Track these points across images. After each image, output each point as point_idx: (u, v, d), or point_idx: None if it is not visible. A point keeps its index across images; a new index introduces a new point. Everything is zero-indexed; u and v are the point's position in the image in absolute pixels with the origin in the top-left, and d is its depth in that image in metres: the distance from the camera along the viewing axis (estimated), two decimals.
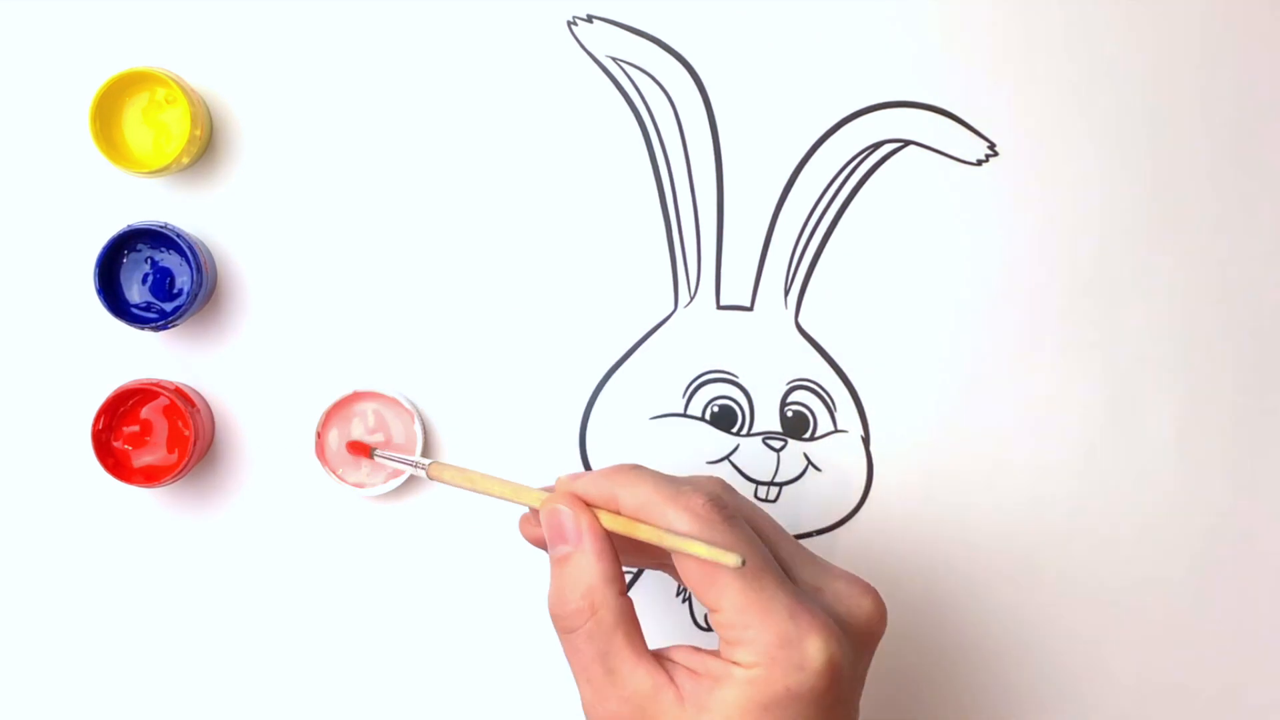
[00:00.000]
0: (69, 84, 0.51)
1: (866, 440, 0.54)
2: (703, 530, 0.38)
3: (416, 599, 0.52)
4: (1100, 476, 0.54)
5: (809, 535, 0.54)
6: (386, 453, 0.49)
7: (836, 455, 0.53)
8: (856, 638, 0.39)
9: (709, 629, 0.53)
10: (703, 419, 0.53)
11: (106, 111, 0.49)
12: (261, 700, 0.52)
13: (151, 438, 0.50)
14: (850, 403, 0.53)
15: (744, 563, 0.36)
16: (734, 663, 0.37)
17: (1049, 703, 0.54)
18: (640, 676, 0.38)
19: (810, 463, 0.53)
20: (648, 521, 0.39)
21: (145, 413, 0.50)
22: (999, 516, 0.54)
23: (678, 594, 0.53)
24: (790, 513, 0.53)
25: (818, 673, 0.37)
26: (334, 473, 0.51)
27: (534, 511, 0.42)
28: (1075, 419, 0.54)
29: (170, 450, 0.50)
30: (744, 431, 0.53)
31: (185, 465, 0.49)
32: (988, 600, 0.54)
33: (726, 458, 0.53)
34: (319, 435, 0.51)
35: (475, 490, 0.44)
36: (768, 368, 0.53)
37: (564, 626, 0.39)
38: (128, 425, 0.50)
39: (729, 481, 0.51)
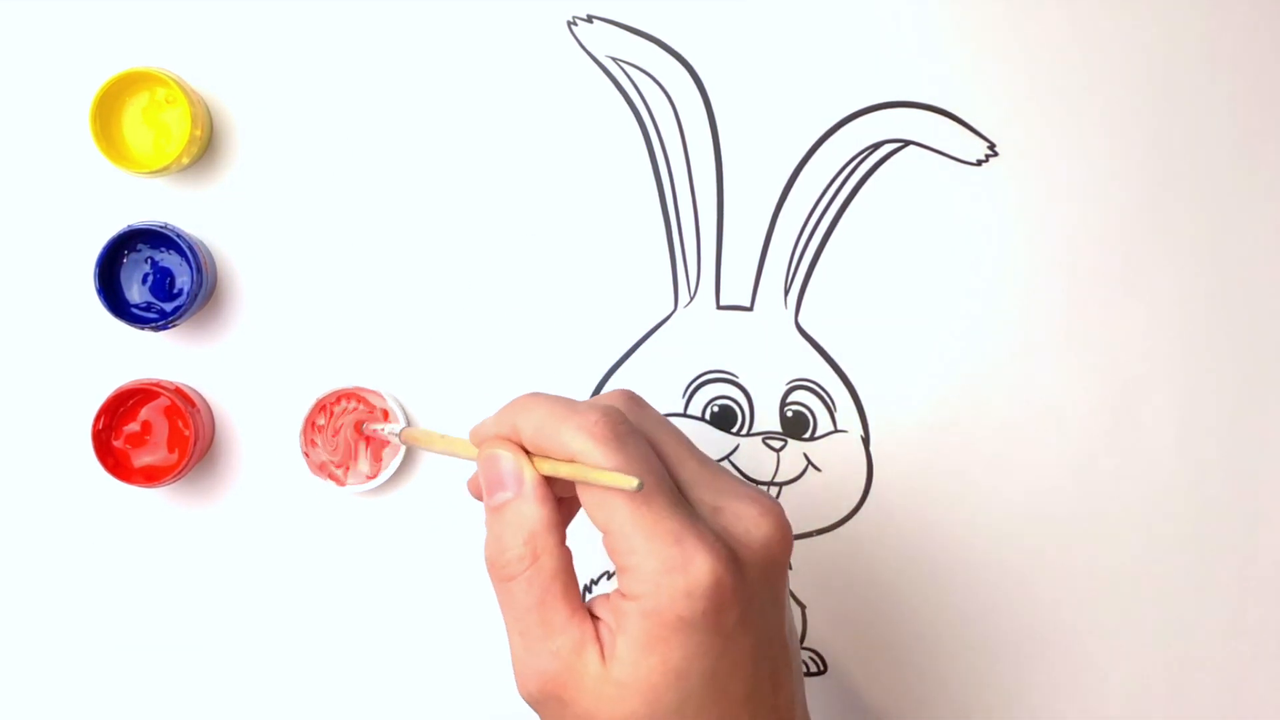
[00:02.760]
0: (69, 84, 0.51)
1: (866, 440, 0.54)
2: (595, 448, 0.37)
3: (416, 594, 0.52)
4: (1100, 476, 0.54)
5: (809, 535, 0.54)
6: (372, 426, 0.50)
7: (836, 455, 0.53)
8: (755, 559, 0.37)
9: None
10: (703, 419, 0.53)
11: (106, 111, 0.49)
12: (261, 700, 0.52)
13: (151, 438, 0.50)
14: (850, 403, 0.53)
15: (640, 486, 0.35)
16: (627, 596, 0.36)
17: (1048, 701, 0.54)
18: (572, 631, 0.37)
19: (810, 463, 0.53)
20: (545, 445, 0.38)
21: (145, 413, 0.50)
22: (999, 516, 0.54)
23: None
24: (790, 513, 0.53)
25: (705, 595, 0.35)
26: (318, 468, 0.51)
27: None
28: (1075, 419, 0.54)
29: (170, 450, 0.50)
30: (744, 431, 0.53)
31: (185, 465, 0.49)
32: (987, 600, 0.54)
33: (726, 458, 0.53)
34: (304, 435, 0.51)
35: (431, 449, 0.44)
36: (768, 368, 0.53)
37: (503, 575, 0.38)
38: (128, 425, 0.50)
39: None
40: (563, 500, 0.40)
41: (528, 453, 0.39)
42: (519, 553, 0.38)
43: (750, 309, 0.53)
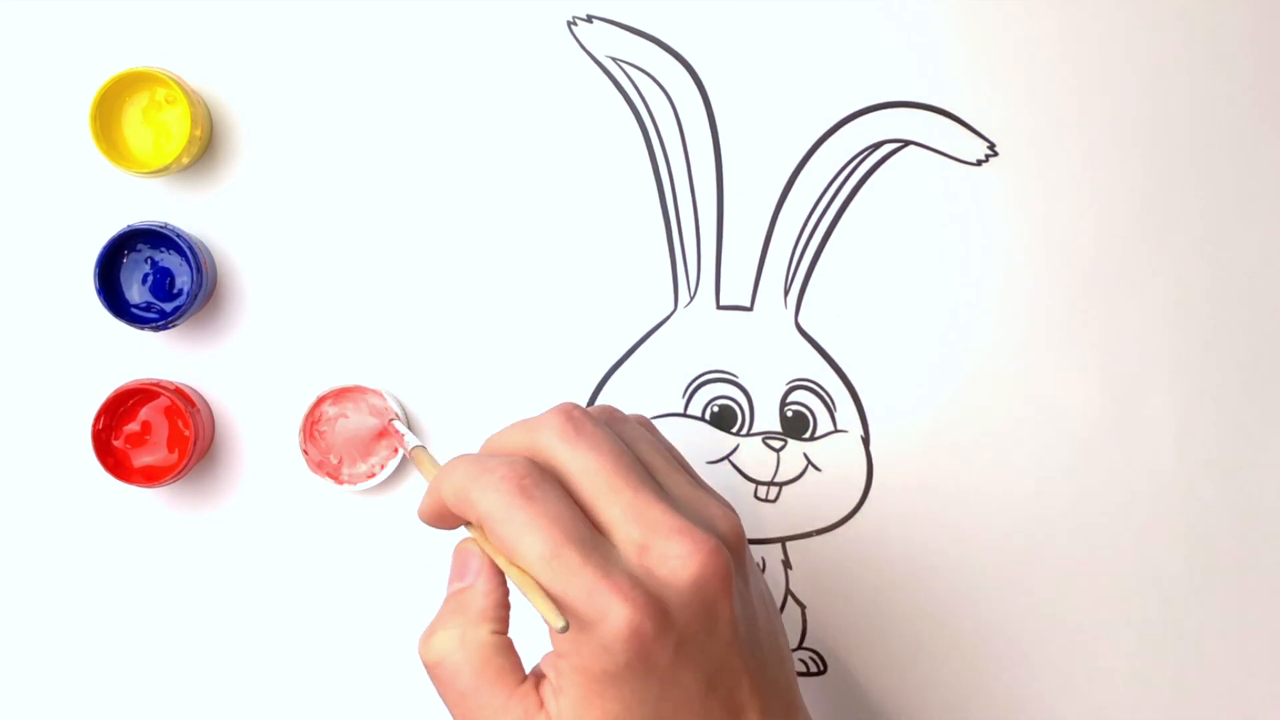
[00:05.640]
0: (69, 84, 0.51)
1: (866, 440, 0.54)
2: (501, 504, 0.36)
3: (418, 593, 0.52)
4: (1100, 476, 0.54)
5: (809, 535, 0.54)
6: (399, 424, 0.50)
7: (836, 455, 0.53)
8: (682, 600, 0.36)
9: None
10: (702, 419, 0.53)
11: (106, 111, 0.49)
12: (262, 700, 0.52)
13: (151, 438, 0.50)
14: (850, 403, 0.53)
15: (565, 628, 0.35)
16: (558, 654, 0.37)
17: (1047, 702, 0.54)
18: (513, 709, 0.37)
19: (810, 463, 0.53)
20: (462, 507, 0.38)
21: (145, 413, 0.50)
22: (999, 516, 0.54)
23: None
24: (790, 513, 0.53)
25: (625, 648, 0.35)
26: (317, 466, 0.51)
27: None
28: (1075, 419, 0.54)
29: (170, 450, 0.50)
30: (744, 431, 0.53)
31: (185, 465, 0.49)
32: (987, 600, 0.54)
33: (726, 458, 0.53)
34: (304, 433, 0.51)
35: (411, 460, 0.45)
36: (768, 368, 0.53)
37: (431, 659, 0.38)
38: (128, 425, 0.50)
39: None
40: None
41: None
42: (446, 634, 0.38)
43: (750, 309, 0.53)
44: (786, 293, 0.53)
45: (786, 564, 0.54)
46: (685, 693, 0.37)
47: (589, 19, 0.53)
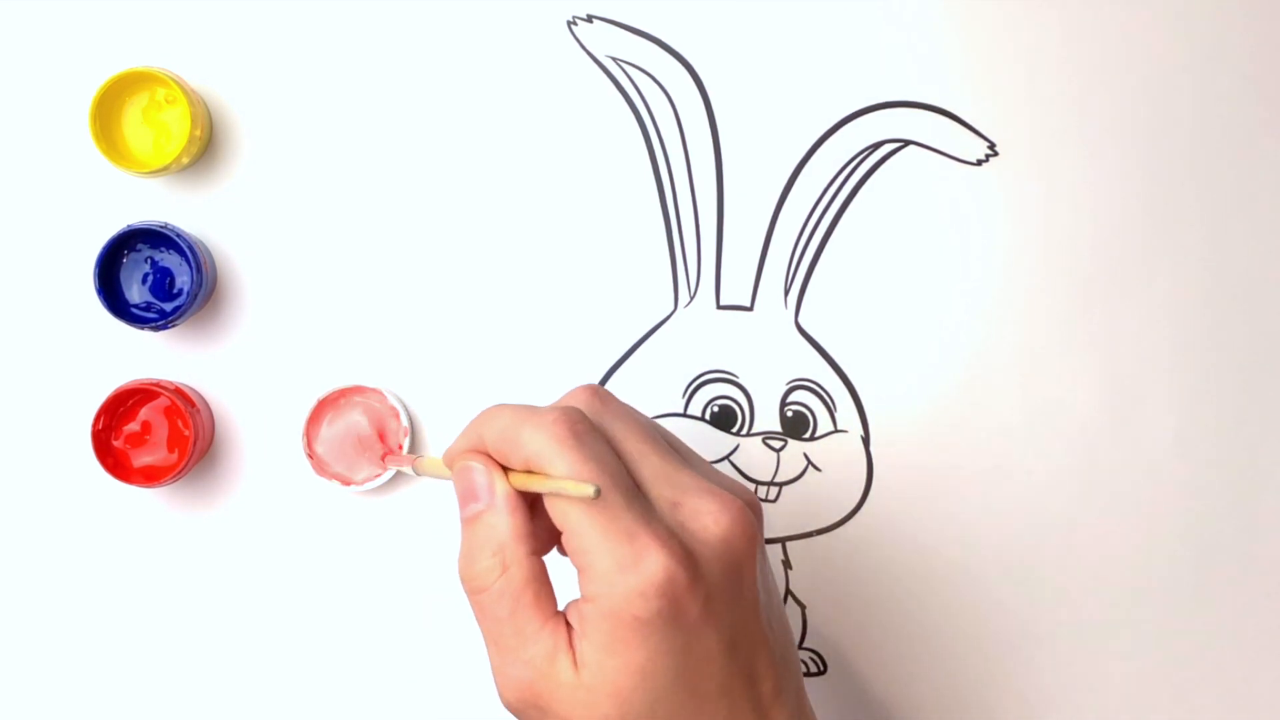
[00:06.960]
0: (69, 84, 0.51)
1: (866, 440, 0.54)
2: (552, 447, 0.37)
3: (418, 593, 0.52)
4: (1100, 476, 0.54)
5: (809, 535, 0.54)
6: (395, 458, 0.50)
7: (836, 455, 0.54)
8: (713, 555, 0.37)
9: None
10: (703, 419, 0.53)
11: (106, 111, 0.49)
12: (262, 701, 0.52)
13: (151, 438, 0.50)
14: (850, 403, 0.53)
15: (597, 492, 0.35)
16: (585, 598, 0.37)
17: (1048, 701, 0.54)
18: (544, 639, 0.37)
19: (810, 463, 0.53)
20: (506, 449, 0.38)
21: (145, 413, 0.50)
22: (999, 517, 0.54)
23: None
24: (790, 513, 0.53)
25: (659, 594, 0.35)
26: (322, 469, 0.51)
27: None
28: (1075, 419, 0.54)
29: (170, 450, 0.50)
30: (744, 431, 0.53)
31: (185, 465, 0.50)
32: (987, 600, 0.54)
33: (726, 458, 0.53)
34: (307, 436, 0.51)
35: (424, 474, 0.44)
36: (768, 368, 0.53)
37: (474, 586, 0.38)
38: (127, 425, 0.50)
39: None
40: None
41: (504, 469, 0.39)
42: (488, 564, 0.38)
43: (750, 309, 0.53)
44: (786, 293, 0.53)
45: (786, 564, 0.54)
46: (708, 651, 0.37)
47: (589, 19, 0.53)
